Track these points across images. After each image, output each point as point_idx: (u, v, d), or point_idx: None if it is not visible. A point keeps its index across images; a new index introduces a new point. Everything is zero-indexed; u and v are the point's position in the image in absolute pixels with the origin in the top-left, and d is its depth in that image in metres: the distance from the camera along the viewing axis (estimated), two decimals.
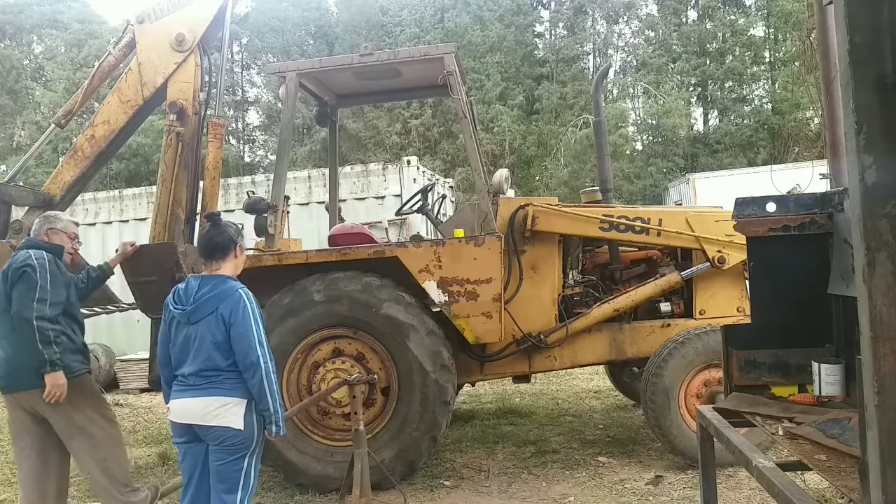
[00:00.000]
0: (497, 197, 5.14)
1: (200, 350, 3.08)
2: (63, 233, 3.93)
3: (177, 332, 3.17)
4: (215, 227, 3.27)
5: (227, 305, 3.06)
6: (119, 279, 4.58)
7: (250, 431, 3.11)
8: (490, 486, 4.80)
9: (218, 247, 3.21)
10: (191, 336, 3.11)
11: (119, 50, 5.06)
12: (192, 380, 3.10)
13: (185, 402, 3.11)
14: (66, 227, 3.96)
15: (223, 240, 3.22)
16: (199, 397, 3.07)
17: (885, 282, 1.41)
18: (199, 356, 3.08)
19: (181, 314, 3.13)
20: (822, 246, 2.80)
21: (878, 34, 1.42)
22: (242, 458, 3.12)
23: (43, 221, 3.94)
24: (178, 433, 3.22)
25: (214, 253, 3.21)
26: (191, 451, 3.21)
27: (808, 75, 17.15)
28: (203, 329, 3.08)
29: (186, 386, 3.12)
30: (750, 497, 4.27)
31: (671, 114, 19.95)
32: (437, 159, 20.94)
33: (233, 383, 3.09)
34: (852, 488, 1.79)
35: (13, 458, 6.37)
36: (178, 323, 3.16)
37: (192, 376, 3.10)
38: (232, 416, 3.06)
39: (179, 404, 3.13)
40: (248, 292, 3.15)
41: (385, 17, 24.74)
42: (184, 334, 3.14)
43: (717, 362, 4.51)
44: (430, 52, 4.95)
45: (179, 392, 3.14)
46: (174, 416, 3.17)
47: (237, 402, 3.08)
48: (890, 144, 1.40)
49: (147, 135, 19.43)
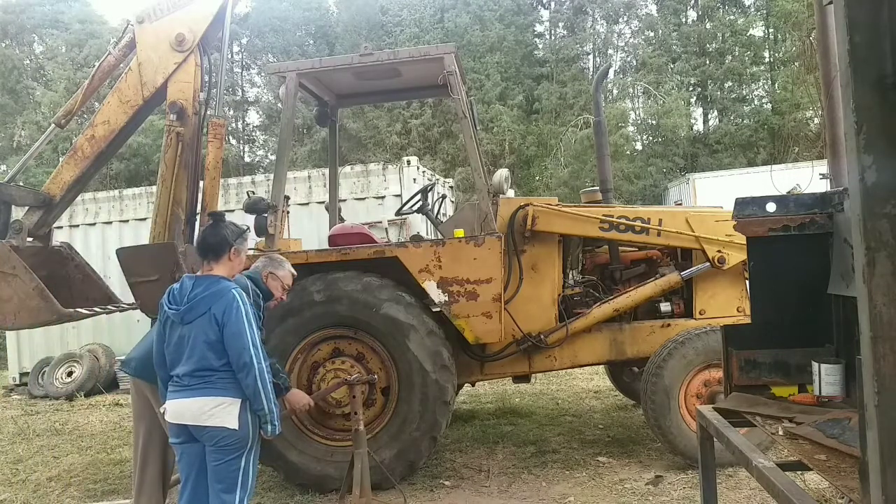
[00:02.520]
0: (497, 197, 5.14)
1: (194, 350, 3.09)
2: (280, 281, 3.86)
3: (171, 332, 3.19)
4: (212, 227, 3.29)
5: (220, 306, 3.07)
6: (119, 279, 4.59)
7: (245, 431, 3.11)
8: (490, 486, 4.80)
9: (210, 247, 3.24)
10: (185, 336, 3.12)
11: (119, 50, 5.06)
12: (187, 380, 3.11)
13: (181, 403, 3.12)
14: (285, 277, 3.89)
15: (216, 240, 3.24)
16: (193, 397, 3.09)
17: (885, 282, 1.41)
18: (193, 356, 3.09)
19: (175, 314, 3.15)
20: (822, 246, 2.80)
21: (878, 34, 1.42)
22: (239, 457, 3.13)
23: (267, 263, 3.90)
24: (174, 433, 3.24)
25: (207, 253, 3.24)
26: (188, 451, 3.22)
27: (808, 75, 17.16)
28: (197, 329, 3.09)
29: (181, 386, 3.13)
30: (750, 497, 4.27)
31: (671, 114, 19.92)
32: (437, 159, 20.93)
33: (226, 383, 3.09)
34: (852, 488, 1.79)
35: (13, 458, 6.41)
36: (173, 323, 3.18)
37: (187, 377, 3.11)
38: (227, 416, 3.07)
39: (175, 405, 3.15)
40: (241, 293, 3.18)
41: (385, 17, 24.71)
42: (178, 334, 3.15)
43: (717, 362, 4.51)
44: (430, 52, 4.95)
45: (174, 392, 3.16)
46: (170, 416, 3.18)
47: (231, 401, 3.08)
48: (890, 144, 1.40)
49: (147, 135, 19.41)
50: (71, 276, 5.19)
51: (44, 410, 8.90)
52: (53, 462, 6.24)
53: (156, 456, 3.93)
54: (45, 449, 6.74)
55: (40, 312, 4.49)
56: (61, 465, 6.08)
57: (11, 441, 7.20)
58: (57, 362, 10.05)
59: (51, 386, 9.82)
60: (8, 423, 8.06)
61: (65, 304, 4.60)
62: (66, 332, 10.26)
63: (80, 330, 10.18)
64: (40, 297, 4.45)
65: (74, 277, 5.20)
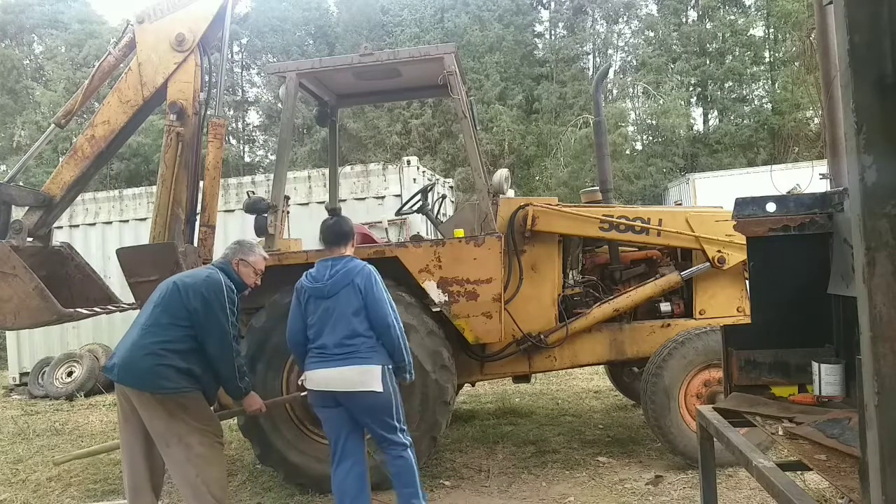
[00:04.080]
0: (497, 197, 5.14)
1: (340, 320, 3.52)
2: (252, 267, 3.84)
3: (314, 306, 3.59)
4: (339, 220, 3.81)
5: (362, 278, 3.55)
6: (119, 279, 4.58)
7: (388, 391, 3.57)
8: (490, 486, 4.80)
9: (343, 234, 3.74)
10: (329, 308, 3.55)
11: (119, 50, 5.06)
12: (335, 350, 3.51)
13: (328, 372, 3.52)
14: (257, 262, 3.87)
15: (348, 228, 3.77)
16: (342, 367, 3.49)
17: (885, 282, 1.41)
18: (339, 325, 3.52)
19: (319, 289, 3.58)
20: (822, 246, 2.80)
21: (878, 34, 1.42)
22: (389, 410, 3.60)
23: (237, 249, 3.85)
24: (319, 401, 3.64)
25: (339, 240, 3.72)
26: (333, 415, 3.64)
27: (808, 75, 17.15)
28: (341, 300, 3.53)
29: (327, 356, 3.52)
30: (750, 497, 4.27)
31: (671, 114, 19.92)
32: (437, 159, 20.92)
33: (369, 351, 3.53)
34: (852, 488, 1.80)
35: (13, 458, 6.41)
36: (315, 299, 3.59)
37: (334, 346, 3.51)
38: (373, 382, 3.50)
39: (322, 374, 3.54)
40: (373, 267, 3.65)
41: (385, 16, 24.71)
42: (322, 307, 3.56)
43: (717, 362, 4.51)
44: (430, 52, 4.95)
45: (320, 363, 3.54)
46: (315, 385, 3.58)
47: (375, 368, 3.52)
48: (890, 144, 1.40)
49: (147, 135, 19.40)
50: (71, 276, 5.19)
51: (44, 410, 8.89)
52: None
53: (141, 459, 3.71)
54: (45, 449, 6.74)
55: (40, 312, 4.49)
56: (61, 465, 6.07)
57: (11, 441, 7.20)
58: (57, 362, 10.04)
59: (51, 386, 9.82)
60: (8, 423, 8.06)
61: (65, 304, 4.59)
62: (66, 332, 10.25)
63: (80, 330, 10.18)
64: (40, 297, 4.45)
65: (74, 277, 5.19)
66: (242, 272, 3.79)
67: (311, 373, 3.59)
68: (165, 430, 3.52)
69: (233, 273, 3.75)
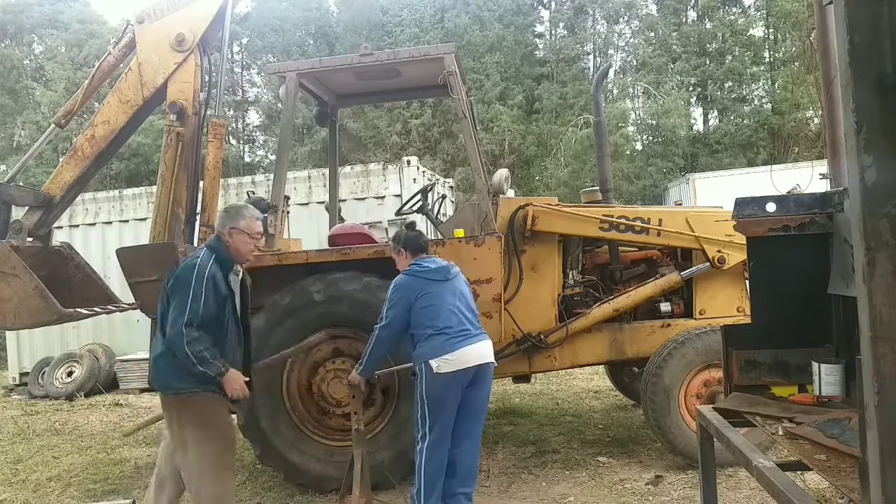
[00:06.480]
0: (497, 197, 5.14)
1: (465, 296, 3.93)
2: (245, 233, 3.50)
3: (440, 289, 3.83)
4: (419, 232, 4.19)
5: (458, 269, 4.04)
6: (119, 279, 4.58)
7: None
8: (490, 486, 4.80)
9: (428, 244, 4.13)
10: (455, 288, 3.89)
11: (119, 50, 5.06)
12: (475, 322, 3.88)
13: (481, 346, 3.82)
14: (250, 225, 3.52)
15: (426, 240, 4.17)
16: (484, 341, 3.86)
17: (885, 282, 1.41)
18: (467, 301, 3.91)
19: (439, 274, 3.88)
20: (822, 246, 2.80)
21: (877, 34, 1.42)
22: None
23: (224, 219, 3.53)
24: (464, 381, 3.77)
25: (427, 247, 4.09)
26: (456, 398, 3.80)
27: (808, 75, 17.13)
28: (459, 282, 3.95)
29: (474, 331, 3.82)
30: (750, 497, 4.27)
31: (671, 114, 19.91)
32: (437, 159, 20.90)
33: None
34: (852, 488, 1.80)
35: (13, 458, 6.41)
36: (438, 282, 3.85)
37: (476, 322, 3.90)
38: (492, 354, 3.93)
39: (478, 348, 3.80)
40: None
41: (385, 17, 24.68)
42: (449, 288, 3.86)
43: (717, 362, 4.51)
44: (429, 52, 4.95)
45: (470, 338, 3.78)
46: (473, 360, 3.76)
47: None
48: (890, 144, 1.40)
49: (147, 135, 19.38)
50: (71, 276, 5.19)
51: (44, 410, 8.89)
52: (53, 462, 6.23)
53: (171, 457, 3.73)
54: (45, 449, 6.74)
55: (40, 312, 4.49)
56: (61, 465, 6.08)
57: (11, 441, 7.20)
58: (57, 362, 10.04)
59: (51, 386, 9.82)
60: (8, 423, 8.06)
61: (65, 304, 4.59)
62: (66, 332, 10.25)
63: (80, 330, 10.18)
64: (40, 297, 4.45)
65: (74, 277, 5.20)
66: (236, 241, 3.42)
67: (462, 350, 3.72)
68: (175, 434, 3.54)
69: (222, 248, 3.41)
